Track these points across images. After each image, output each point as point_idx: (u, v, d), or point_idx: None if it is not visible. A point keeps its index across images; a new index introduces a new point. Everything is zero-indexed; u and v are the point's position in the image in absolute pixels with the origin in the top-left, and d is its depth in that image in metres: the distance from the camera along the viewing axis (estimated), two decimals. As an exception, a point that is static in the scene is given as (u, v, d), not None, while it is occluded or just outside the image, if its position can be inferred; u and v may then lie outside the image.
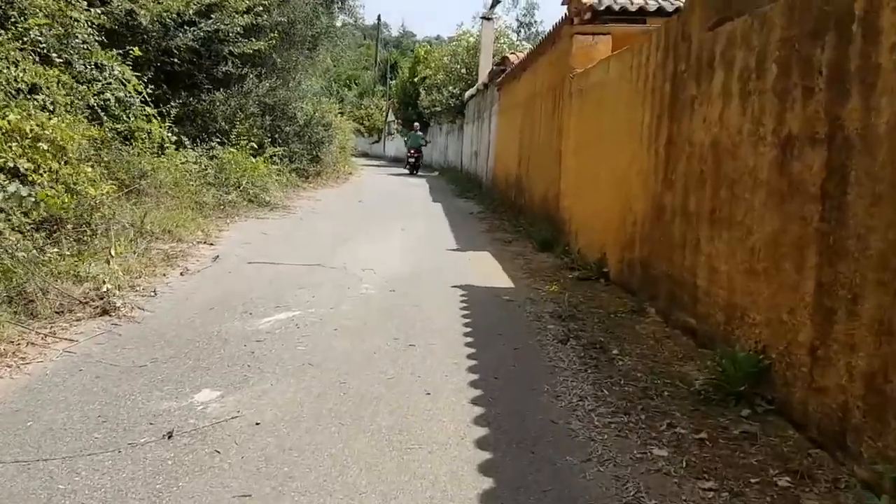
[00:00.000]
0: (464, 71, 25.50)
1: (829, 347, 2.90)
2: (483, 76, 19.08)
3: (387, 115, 41.60)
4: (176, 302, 5.22)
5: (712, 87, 4.25)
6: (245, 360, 3.95)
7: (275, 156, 14.63)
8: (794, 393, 3.14)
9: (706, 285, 4.18)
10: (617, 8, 8.30)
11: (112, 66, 9.02)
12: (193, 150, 11.44)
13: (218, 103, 13.63)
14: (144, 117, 9.26)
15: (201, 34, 12.78)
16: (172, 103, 10.41)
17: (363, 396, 3.44)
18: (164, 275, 6.08)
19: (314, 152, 17.76)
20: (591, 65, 7.62)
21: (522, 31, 35.35)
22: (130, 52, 9.00)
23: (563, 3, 8.58)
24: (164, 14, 11.96)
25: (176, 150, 10.14)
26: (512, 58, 14.77)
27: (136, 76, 9.74)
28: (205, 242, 7.77)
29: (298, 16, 15.72)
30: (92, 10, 8.85)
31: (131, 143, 9.11)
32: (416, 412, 3.27)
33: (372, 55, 51.85)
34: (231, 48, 13.25)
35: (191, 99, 13.48)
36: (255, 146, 13.34)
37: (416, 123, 27.97)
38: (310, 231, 9.26)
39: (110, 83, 9.21)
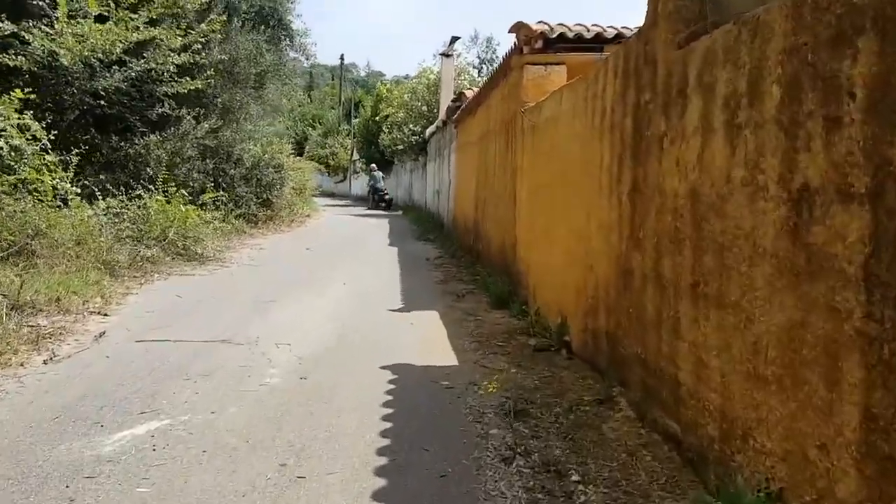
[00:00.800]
0: (425, 108, 24.72)
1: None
2: (443, 113, 18.24)
3: (351, 154, 40.78)
4: (16, 407, 4.03)
5: (685, 120, 3.26)
6: (52, 518, 2.79)
7: (216, 200, 13.52)
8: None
9: (692, 383, 3.13)
10: (571, 35, 7.41)
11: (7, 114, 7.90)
12: (117, 198, 10.27)
13: (152, 147, 12.49)
14: (43, 167, 8.10)
15: (132, 74, 11.72)
16: (75, 150, 9.21)
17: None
18: (23, 364, 4.89)
19: (264, 195, 16.63)
20: (543, 98, 6.67)
21: (484, 67, 34.84)
22: (12, 95, 7.81)
23: (510, 31, 7.66)
24: (89, 54, 10.90)
25: (86, 202, 8.97)
26: (468, 93, 13.91)
27: (39, 121, 8.63)
28: (99, 312, 6.57)
29: (241, 53, 14.72)
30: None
31: (27, 197, 7.94)
32: None
33: (338, 94, 51.21)
34: (166, 88, 12.17)
35: (122, 143, 12.35)
36: (188, 193, 12.22)
37: (373, 164, 27.25)
38: (233, 290, 8.09)
39: (3, 130, 8.07)
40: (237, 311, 6.85)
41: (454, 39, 22.92)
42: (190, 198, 12.06)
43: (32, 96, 8.37)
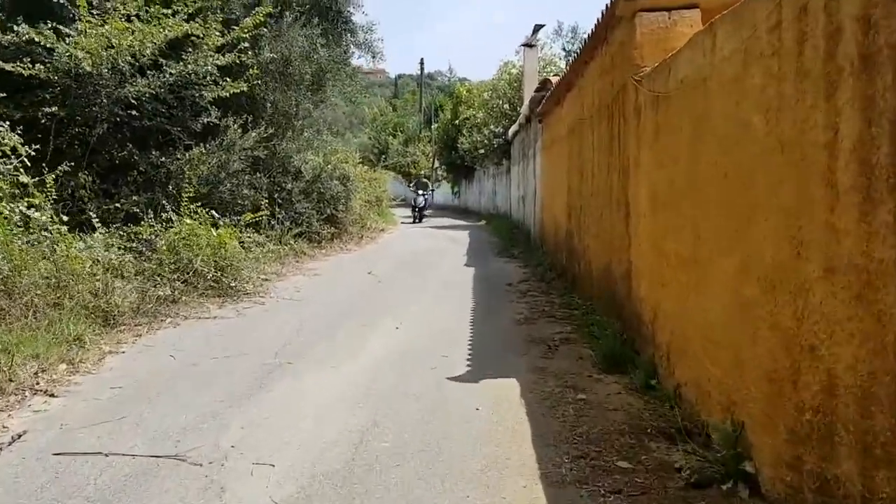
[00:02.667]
0: (507, 107, 22.39)
1: None
2: (525, 107, 15.92)
3: (433, 162, 38.98)
4: None
5: None
6: None
7: (265, 219, 11.78)
8: None
9: None
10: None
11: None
12: (121, 229, 8.59)
13: (196, 162, 10.85)
14: (13, 191, 6.41)
15: (169, 80, 10.11)
16: (62, 167, 7.48)
17: None
18: None
19: (328, 211, 14.83)
20: (671, 54, 4.29)
21: (570, 58, 32.05)
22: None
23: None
24: (115, 57, 9.36)
25: (76, 231, 7.27)
26: (554, 80, 11.55)
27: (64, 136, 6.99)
28: (45, 391, 4.70)
29: (294, 51, 12.93)
30: None
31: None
32: None
33: (418, 100, 49.65)
34: (208, 94, 10.50)
35: (164, 159, 10.77)
36: (236, 213, 10.52)
37: (421, 182, 25.75)
38: (247, 343, 6.07)
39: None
40: (229, 386, 4.80)
41: (537, 28, 20.49)
42: (237, 218, 10.35)
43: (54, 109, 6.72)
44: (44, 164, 7.59)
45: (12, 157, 6.34)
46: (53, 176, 6.89)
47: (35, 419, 4.18)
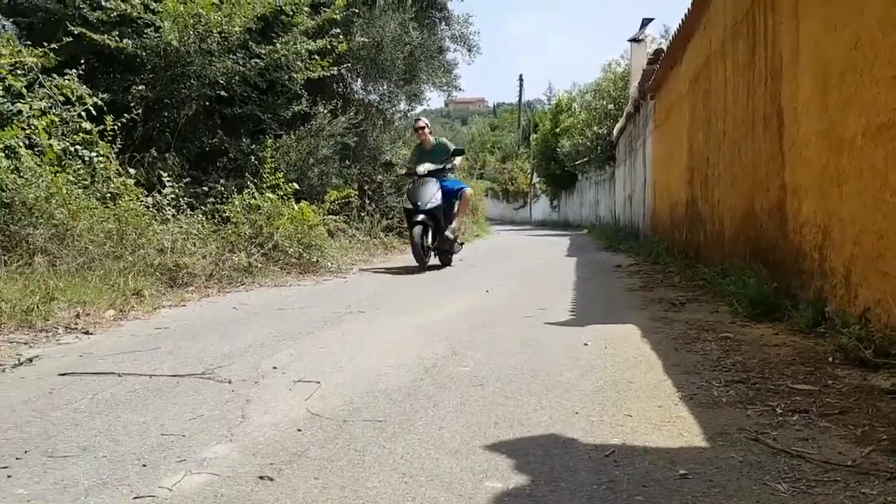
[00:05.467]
0: (611, 107, 21.20)
1: None
2: (633, 90, 14.79)
3: (531, 177, 37.97)
4: None
5: None
6: None
7: (353, 209, 11.23)
8: None
9: None
10: None
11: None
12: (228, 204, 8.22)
13: (286, 149, 10.48)
14: (84, 136, 6.03)
15: (260, 63, 9.81)
16: (125, 118, 7.10)
17: None
18: None
19: (419, 206, 14.14)
20: None
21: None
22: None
23: None
24: (203, 32, 9.12)
25: (141, 186, 6.81)
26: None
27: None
28: (81, 329, 4.10)
29: (386, 37, 12.45)
30: None
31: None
32: None
33: (517, 117, 48.96)
34: (297, 74, 10.11)
35: (253, 146, 10.46)
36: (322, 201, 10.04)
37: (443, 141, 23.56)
38: (317, 302, 5.32)
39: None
40: (289, 326, 4.05)
41: (646, 22, 19.26)
42: (324, 204, 9.83)
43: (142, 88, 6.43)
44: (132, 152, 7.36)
45: (77, 104, 5.99)
46: (116, 122, 6.50)
47: (56, 349, 3.56)
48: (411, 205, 8.07)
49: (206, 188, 9.42)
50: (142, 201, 6.30)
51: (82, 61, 7.28)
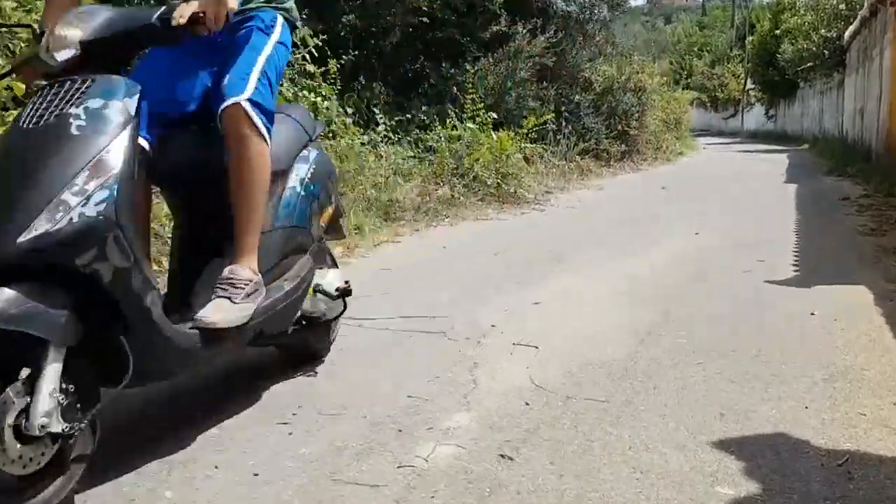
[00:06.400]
0: (842, 7, 18.44)
1: None
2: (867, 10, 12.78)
3: (745, 83, 34.56)
4: None
5: None
6: None
7: (551, 132, 11.14)
8: None
9: None
10: None
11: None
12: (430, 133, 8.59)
13: (484, 73, 10.60)
14: (307, 82, 6.56)
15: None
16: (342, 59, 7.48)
17: None
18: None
19: (619, 127, 13.66)
20: None
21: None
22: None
23: None
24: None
25: (358, 125, 7.28)
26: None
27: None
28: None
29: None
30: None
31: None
32: None
33: (731, 15, 44.30)
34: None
35: (453, 70, 10.69)
36: (519, 125, 10.05)
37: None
38: (519, 241, 5.50)
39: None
40: (497, 275, 4.26)
41: None
42: (521, 130, 9.89)
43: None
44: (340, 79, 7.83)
45: (300, 46, 6.46)
46: (338, 61, 6.94)
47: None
48: None
49: (409, 115, 9.86)
50: (359, 139, 6.78)
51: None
